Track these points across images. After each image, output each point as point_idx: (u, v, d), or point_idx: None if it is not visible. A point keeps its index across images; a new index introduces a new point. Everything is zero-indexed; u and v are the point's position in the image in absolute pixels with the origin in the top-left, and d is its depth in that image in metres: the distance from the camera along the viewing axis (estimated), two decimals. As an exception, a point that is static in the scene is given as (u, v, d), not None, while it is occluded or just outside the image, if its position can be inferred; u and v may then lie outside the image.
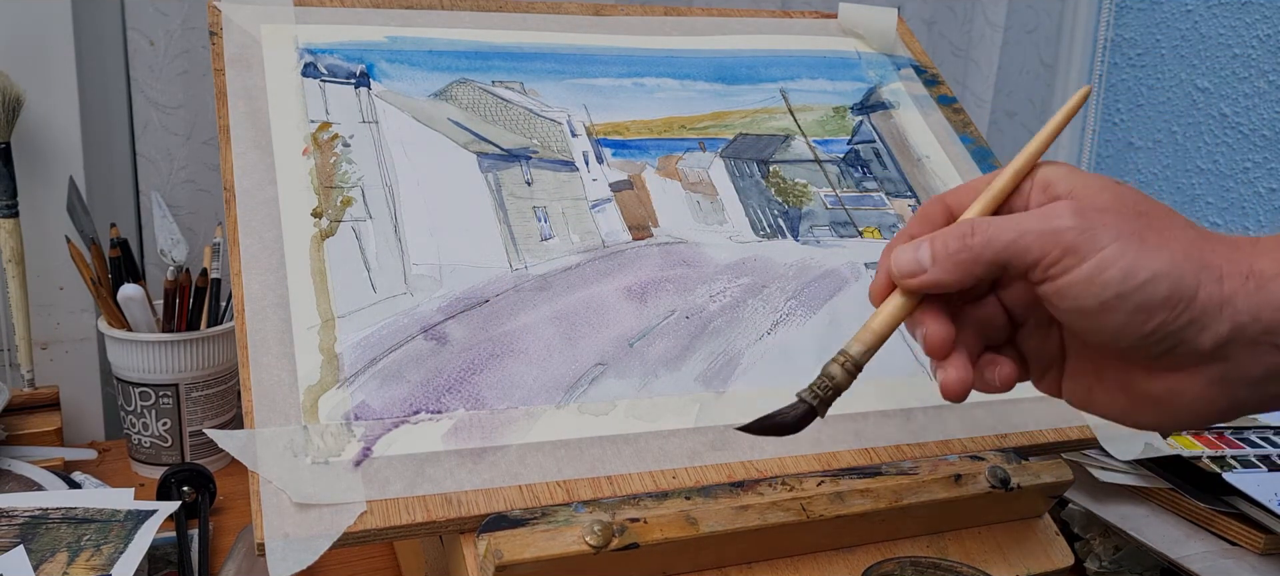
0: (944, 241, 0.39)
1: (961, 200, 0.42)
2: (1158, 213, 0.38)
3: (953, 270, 0.39)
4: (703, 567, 0.48)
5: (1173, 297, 0.36)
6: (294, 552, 0.42)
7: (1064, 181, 0.39)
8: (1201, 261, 0.36)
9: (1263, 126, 1.03)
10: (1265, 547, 0.58)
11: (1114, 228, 0.36)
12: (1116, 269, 0.36)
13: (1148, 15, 1.14)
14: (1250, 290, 0.35)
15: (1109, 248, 0.36)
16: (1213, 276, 0.36)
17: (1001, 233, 0.38)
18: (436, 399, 0.48)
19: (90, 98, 0.80)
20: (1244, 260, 0.36)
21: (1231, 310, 0.36)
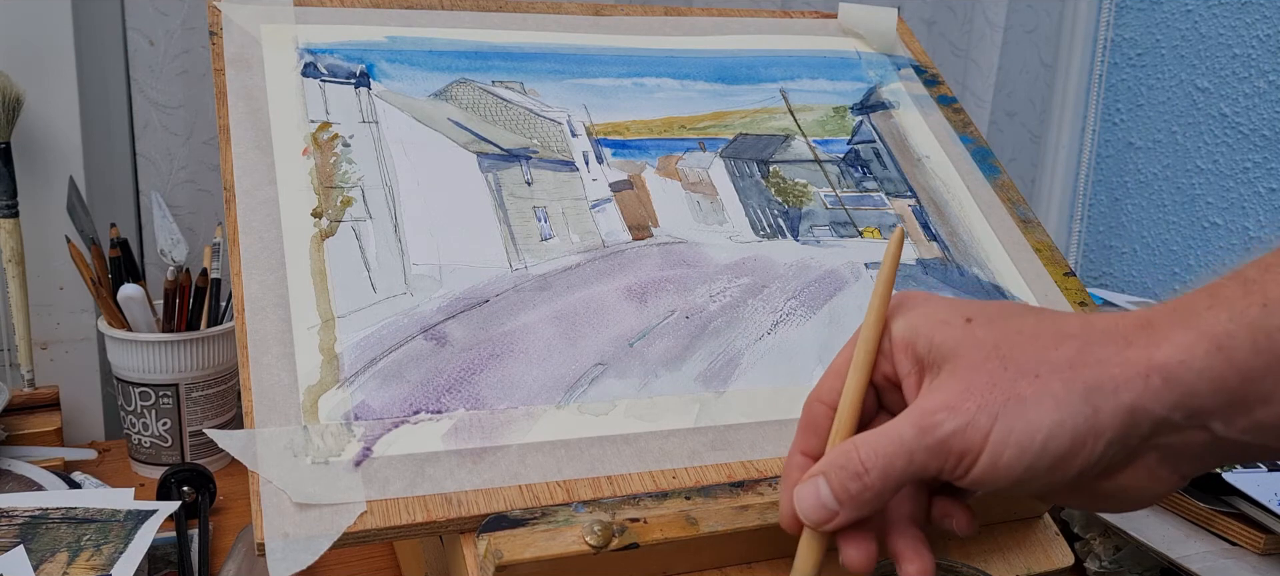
0: (843, 485, 0.38)
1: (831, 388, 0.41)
2: (1020, 346, 0.36)
3: (862, 507, 0.38)
4: (703, 567, 0.48)
5: (1077, 441, 0.34)
6: (294, 552, 0.42)
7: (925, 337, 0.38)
8: (1087, 387, 0.34)
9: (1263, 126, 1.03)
10: (1265, 547, 0.58)
11: (991, 400, 0.35)
12: (1012, 448, 0.35)
13: (1148, 15, 1.14)
14: (1156, 387, 0.34)
15: (995, 430, 0.35)
16: (1106, 395, 0.34)
17: (893, 462, 0.36)
18: (436, 399, 0.48)
19: (90, 98, 0.80)
20: (1138, 358, 0.34)
21: (1143, 413, 0.34)
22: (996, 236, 0.66)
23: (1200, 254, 1.09)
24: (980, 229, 0.66)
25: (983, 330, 0.37)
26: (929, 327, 0.38)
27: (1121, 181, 1.18)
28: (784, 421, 0.52)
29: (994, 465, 0.35)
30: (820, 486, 0.38)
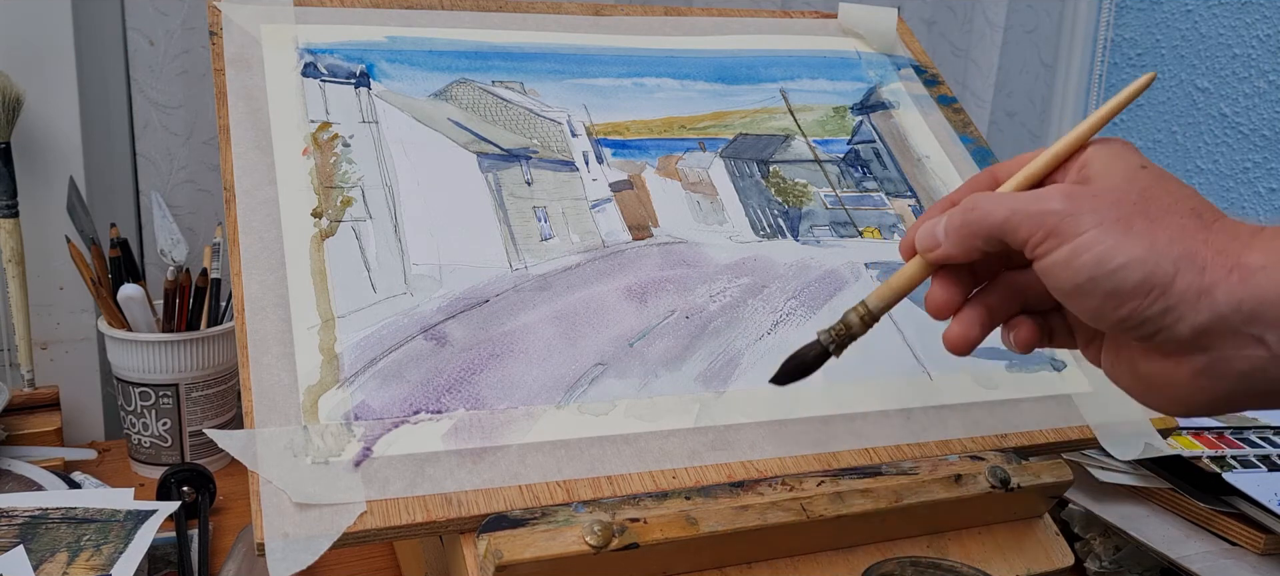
0: (954, 219, 0.41)
1: (1009, 171, 0.44)
2: (1162, 199, 0.38)
3: (957, 244, 0.41)
4: (703, 567, 0.48)
5: (1145, 284, 0.37)
6: (294, 552, 0.42)
7: (1099, 162, 0.41)
8: (1185, 250, 0.37)
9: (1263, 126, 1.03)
10: (1265, 547, 0.58)
11: (1098, 213, 0.37)
12: (1090, 254, 0.37)
13: (1148, 15, 1.14)
14: (1233, 282, 0.36)
15: (1087, 233, 0.37)
16: (1194, 266, 0.36)
17: (995, 211, 0.40)
18: (436, 399, 0.48)
19: (90, 98, 0.80)
20: (1235, 252, 0.37)
21: (1209, 300, 0.36)
22: None
23: (1200, 254, 1.09)
24: (980, 229, 0.66)
25: (1144, 175, 0.39)
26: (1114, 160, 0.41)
27: (1121, 181, 1.18)
28: (784, 421, 0.52)
29: (1070, 259, 0.38)
30: (939, 222, 0.42)
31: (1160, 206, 0.38)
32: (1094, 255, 0.37)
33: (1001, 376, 0.58)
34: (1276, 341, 0.36)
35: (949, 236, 0.41)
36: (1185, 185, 0.40)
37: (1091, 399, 0.59)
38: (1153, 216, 0.37)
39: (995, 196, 0.40)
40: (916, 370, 0.56)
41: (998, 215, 0.39)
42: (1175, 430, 0.61)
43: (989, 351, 0.59)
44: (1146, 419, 0.59)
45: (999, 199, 0.40)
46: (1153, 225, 0.37)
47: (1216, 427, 0.72)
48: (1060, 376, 0.59)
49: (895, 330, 0.58)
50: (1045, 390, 0.58)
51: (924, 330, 0.58)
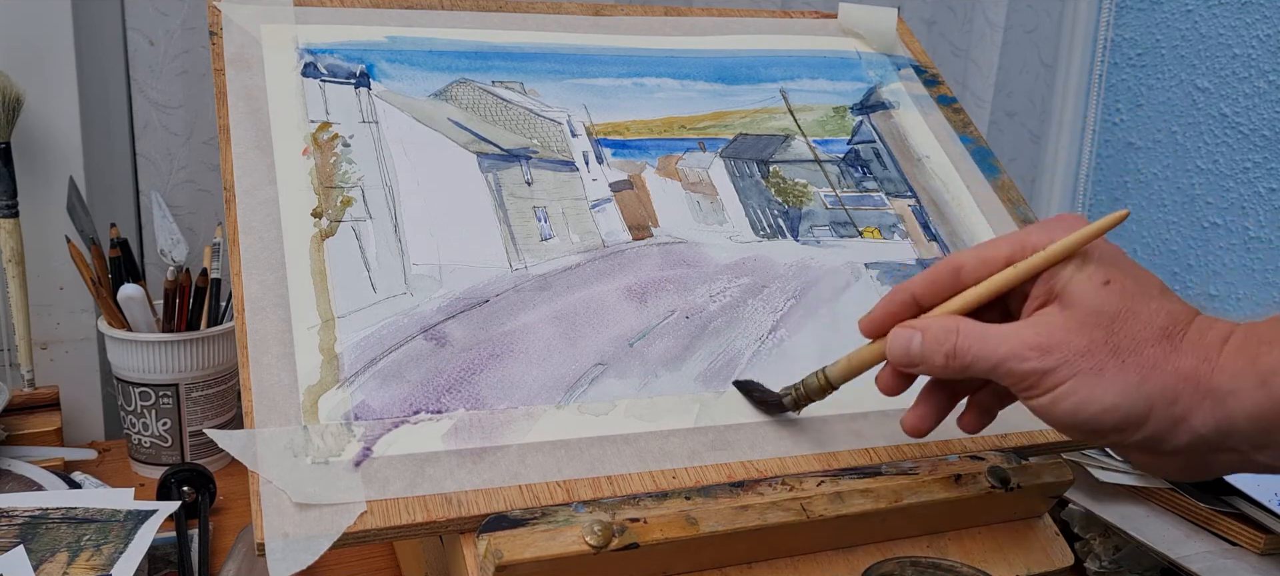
0: (935, 343, 0.43)
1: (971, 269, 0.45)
2: (1130, 327, 0.41)
3: (936, 373, 0.44)
4: (703, 567, 0.48)
5: (1121, 424, 0.40)
6: (294, 552, 0.42)
7: (1066, 280, 0.42)
8: (1157, 387, 0.40)
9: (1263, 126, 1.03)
10: (1265, 547, 0.58)
11: (1074, 362, 0.40)
12: (1068, 404, 0.40)
13: (1148, 15, 1.14)
14: (1207, 409, 0.39)
15: (1065, 384, 0.40)
16: (1166, 400, 0.40)
17: (983, 357, 0.42)
18: (436, 399, 0.48)
19: (90, 98, 0.80)
20: (1205, 376, 0.39)
21: (1187, 427, 0.40)
22: (996, 236, 0.66)
23: (1200, 254, 1.09)
24: (980, 229, 0.66)
25: (1110, 297, 0.41)
26: (1077, 279, 0.42)
27: (1121, 181, 1.18)
28: (784, 421, 0.52)
29: (1051, 408, 0.41)
30: (915, 339, 0.44)
31: (1130, 338, 0.40)
32: (1071, 404, 0.40)
33: (1001, 376, 0.58)
34: (1249, 448, 0.40)
35: (926, 363, 0.43)
36: (1150, 291, 0.41)
37: (1091, 399, 0.59)
38: (1123, 354, 0.40)
39: (982, 340, 0.42)
40: (916, 370, 0.56)
41: (985, 362, 0.42)
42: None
43: (989, 351, 0.59)
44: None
45: (984, 344, 0.42)
46: (1124, 366, 0.40)
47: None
48: (1060, 376, 0.59)
49: (895, 330, 0.58)
50: (1045, 390, 0.58)
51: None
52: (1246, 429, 0.39)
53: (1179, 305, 0.42)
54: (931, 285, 0.45)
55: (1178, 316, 0.41)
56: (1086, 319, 0.41)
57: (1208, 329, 0.41)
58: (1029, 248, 0.43)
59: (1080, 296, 0.41)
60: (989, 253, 0.44)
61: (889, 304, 0.46)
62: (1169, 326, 0.41)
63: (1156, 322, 0.41)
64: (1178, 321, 0.41)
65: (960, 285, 0.45)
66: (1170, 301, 0.42)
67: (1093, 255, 0.42)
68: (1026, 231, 0.44)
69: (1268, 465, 0.40)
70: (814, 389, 0.48)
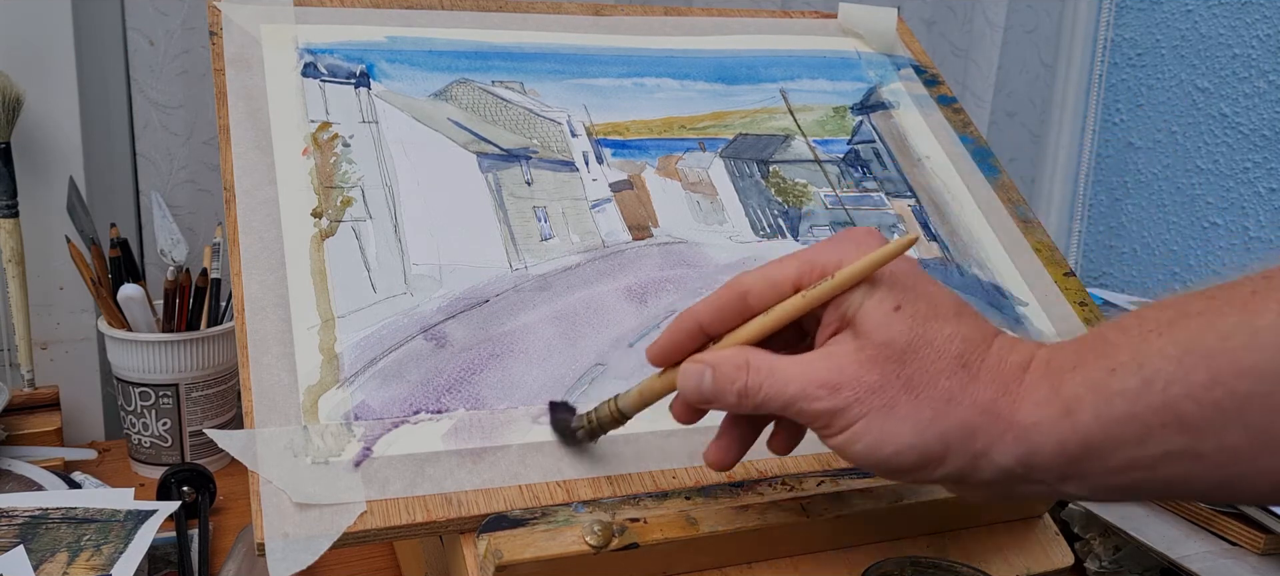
0: (726, 380, 0.41)
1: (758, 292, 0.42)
2: (924, 358, 0.38)
3: (734, 405, 0.41)
4: (703, 567, 0.48)
5: (919, 463, 0.38)
6: (294, 552, 0.42)
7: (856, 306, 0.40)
8: (953, 423, 0.38)
9: (1263, 126, 1.03)
10: (1265, 547, 0.58)
11: (865, 401, 0.38)
12: (862, 444, 0.39)
13: (1148, 15, 1.14)
14: (1009, 442, 0.38)
15: (857, 424, 0.38)
16: (963, 436, 0.38)
17: (774, 396, 0.40)
18: (436, 399, 0.48)
19: (90, 98, 0.80)
20: (1006, 409, 0.38)
21: (989, 461, 0.38)
22: (996, 236, 0.66)
23: (1200, 254, 1.09)
24: (980, 229, 0.66)
25: (901, 326, 0.39)
26: (868, 306, 0.40)
27: (1121, 181, 1.18)
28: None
29: (846, 447, 0.39)
30: (706, 376, 0.41)
31: (923, 370, 0.38)
32: (865, 444, 0.38)
33: (1001, 376, 0.58)
34: (1054, 480, 0.38)
35: (719, 399, 0.41)
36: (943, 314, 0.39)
37: (1091, 399, 0.59)
38: (917, 389, 0.38)
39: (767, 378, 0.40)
40: (916, 370, 0.56)
41: (777, 400, 0.40)
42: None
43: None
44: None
45: (768, 382, 0.40)
46: (917, 402, 0.38)
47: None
48: (1060, 376, 0.59)
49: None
50: (1045, 390, 0.58)
51: (924, 330, 0.58)
52: (1051, 461, 0.37)
53: (975, 327, 0.40)
54: (718, 312, 0.42)
55: (973, 341, 0.39)
56: (877, 352, 0.39)
57: (1008, 353, 0.39)
58: (817, 269, 0.41)
59: (870, 326, 0.39)
60: (776, 274, 0.41)
61: (675, 333, 0.43)
62: (964, 353, 0.39)
63: (951, 350, 0.39)
64: (973, 346, 0.39)
65: (748, 311, 0.42)
66: (965, 325, 0.39)
67: (883, 279, 0.40)
68: (816, 249, 0.41)
69: (1075, 495, 0.39)
70: (605, 419, 0.46)
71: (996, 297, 0.62)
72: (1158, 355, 0.35)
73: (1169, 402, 0.35)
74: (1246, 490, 0.36)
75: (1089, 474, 0.37)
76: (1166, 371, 0.35)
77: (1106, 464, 0.36)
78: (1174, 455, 0.35)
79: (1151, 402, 0.35)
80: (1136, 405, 0.35)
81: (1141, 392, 0.35)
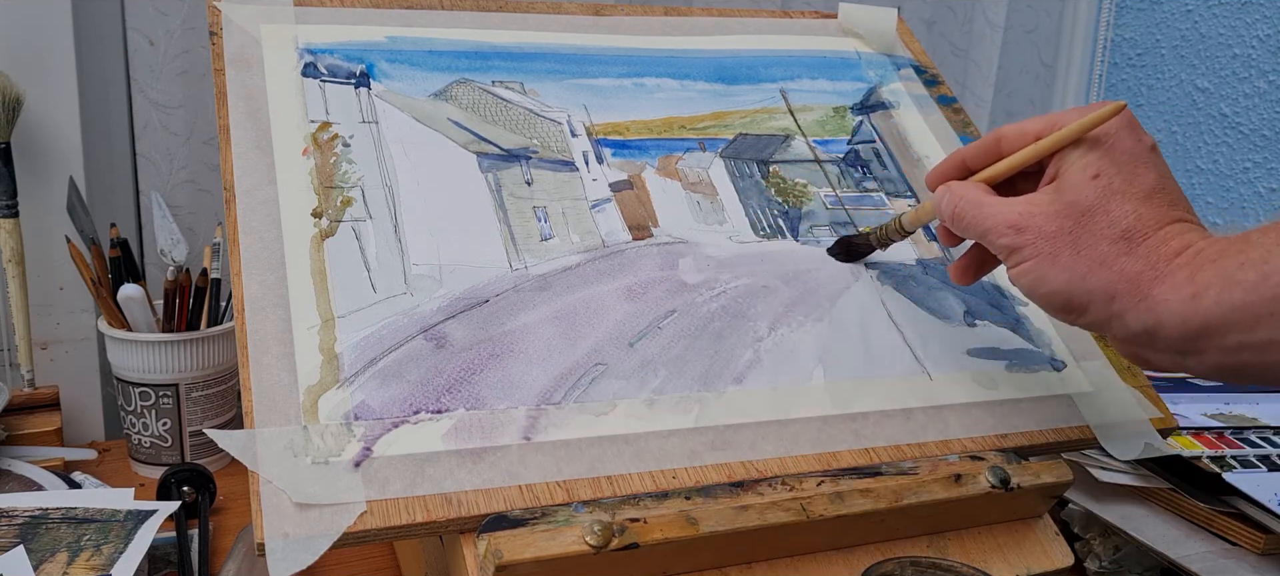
0: (950, 205, 0.50)
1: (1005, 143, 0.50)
2: (1097, 223, 0.45)
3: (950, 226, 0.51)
4: (703, 567, 0.48)
5: (1065, 307, 0.46)
6: (294, 552, 0.42)
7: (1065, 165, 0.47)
8: (1100, 283, 0.44)
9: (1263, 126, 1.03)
10: (1265, 547, 0.58)
11: (1036, 246, 0.46)
12: (1026, 279, 0.47)
13: (1148, 15, 1.14)
14: (1141, 310, 0.43)
15: (1027, 262, 0.46)
16: (1105, 297, 0.44)
17: (974, 224, 0.49)
18: (436, 399, 0.48)
19: (90, 98, 0.80)
20: (1147, 282, 0.43)
21: (1121, 323, 0.45)
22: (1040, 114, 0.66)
23: (1200, 254, 1.09)
24: (980, 229, 0.66)
25: (1091, 191, 0.45)
26: (1076, 166, 0.46)
27: (1121, 181, 1.18)
28: (784, 421, 0.52)
29: (1015, 280, 0.47)
30: (945, 198, 0.51)
31: (1092, 233, 0.45)
32: (1028, 281, 0.46)
33: (1001, 376, 0.58)
34: (1174, 352, 0.44)
35: (945, 217, 0.51)
36: (1133, 192, 0.45)
37: (1091, 399, 0.59)
38: (1080, 247, 0.45)
39: (980, 211, 0.48)
40: (916, 370, 0.56)
41: (977, 228, 0.48)
42: (1175, 430, 0.61)
43: (989, 352, 0.59)
44: (1146, 419, 0.59)
45: (980, 214, 0.48)
46: (1077, 257, 0.45)
47: (1216, 427, 0.72)
48: (1060, 376, 0.59)
49: (895, 330, 0.58)
50: (1045, 390, 0.58)
51: (924, 330, 0.58)
52: (1173, 334, 0.43)
53: (1155, 210, 0.45)
54: (978, 151, 0.51)
55: (1145, 220, 0.44)
56: (1063, 208, 0.46)
57: (1171, 238, 0.44)
58: (1056, 125, 0.47)
59: (1068, 184, 0.46)
60: (1026, 126, 0.49)
61: (946, 163, 0.53)
62: (1132, 228, 0.44)
63: (1122, 224, 0.45)
64: (1143, 224, 0.44)
65: (999, 154, 0.50)
66: (1148, 205, 0.45)
67: (1099, 144, 0.46)
68: (1064, 112, 0.48)
69: (1194, 369, 0.44)
70: (892, 230, 0.57)
71: (997, 298, 0.62)
72: None
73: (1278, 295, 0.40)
74: None
75: (1206, 349, 0.42)
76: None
77: (1222, 343, 0.42)
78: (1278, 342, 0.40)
79: (1265, 293, 0.40)
80: (1252, 295, 0.40)
81: (1258, 285, 0.40)
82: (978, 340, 0.59)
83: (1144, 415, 0.59)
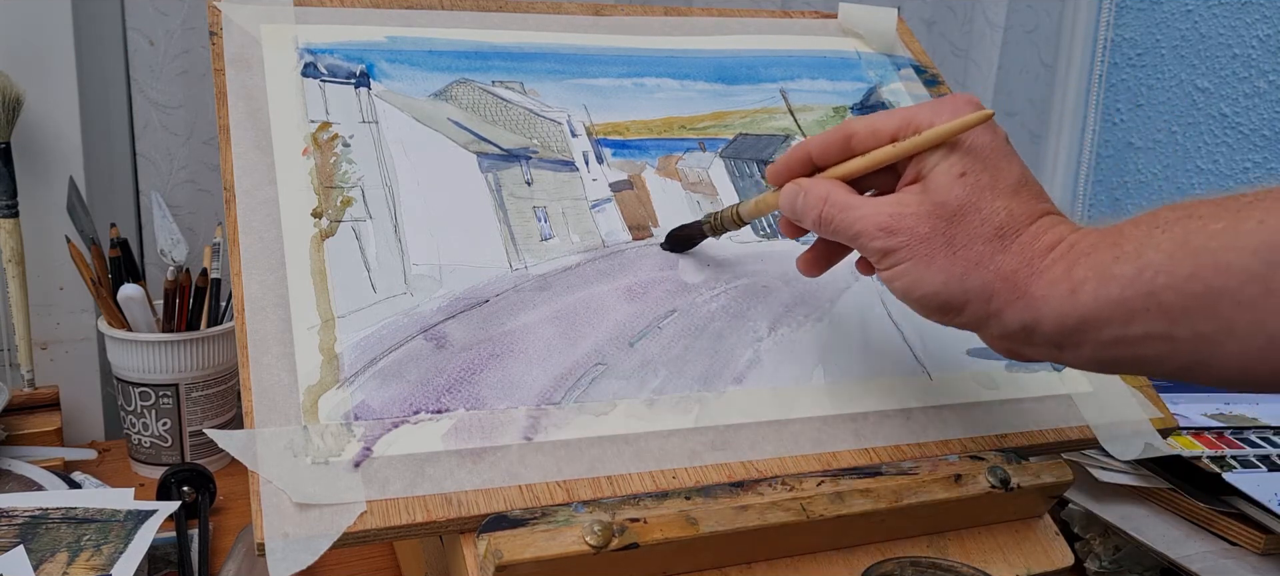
0: (808, 209, 0.48)
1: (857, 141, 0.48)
2: (969, 222, 0.44)
3: (811, 226, 0.49)
4: (703, 567, 0.48)
5: (944, 308, 0.45)
6: (294, 552, 0.42)
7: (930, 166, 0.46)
8: (977, 283, 0.44)
9: (1263, 126, 1.03)
10: (1265, 547, 0.58)
11: (911, 248, 0.45)
12: (901, 283, 0.46)
13: (1148, 15, 1.14)
14: (1019, 310, 0.43)
15: (901, 266, 0.45)
16: (982, 296, 0.44)
17: (842, 227, 0.47)
18: (436, 399, 0.48)
19: (90, 98, 0.80)
20: (1024, 279, 0.43)
21: (999, 321, 0.44)
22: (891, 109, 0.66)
23: (1200, 254, 1.09)
24: (980, 229, 0.66)
25: (959, 190, 0.45)
26: (942, 166, 0.45)
27: (1121, 181, 1.18)
28: (784, 421, 0.52)
29: (889, 283, 0.46)
30: (799, 197, 0.49)
31: (965, 233, 0.44)
32: (903, 283, 0.45)
33: (1001, 376, 0.58)
34: (1051, 346, 0.44)
35: (804, 218, 0.49)
36: (1001, 189, 0.45)
37: (1091, 399, 0.59)
38: (955, 248, 0.44)
39: (844, 211, 0.47)
40: (916, 370, 0.56)
41: (848, 230, 0.47)
42: (1175, 430, 0.61)
43: (989, 352, 0.59)
44: (1147, 419, 0.59)
45: (845, 214, 0.47)
46: (952, 259, 0.44)
47: (1216, 427, 0.72)
48: (1060, 376, 0.59)
49: (895, 330, 0.58)
50: (1045, 390, 0.58)
51: (924, 330, 0.58)
52: (1050, 330, 0.43)
53: (1024, 205, 0.45)
54: (826, 147, 0.49)
55: (1017, 216, 0.44)
56: (933, 209, 0.45)
57: (1043, 233, 0.44)
58: (912, 125, 0.46)
59: (935, 185, 0.45)
60: (879, 124, 0.47)
61: (789, 158, 0.50)
62: (1004, 226, 0.44)
63: (994, 221, 0.44)
64: (1015, 221, 0.44)
65: (850, 151, 0.48)
66: (1017, 201, 0.45)
67: (962, 145, 0.45)
68: (917, 109, 0.47)
69: (1068, 361, 0.44)
70: (728, 220, 0.55)
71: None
72: (1154, 248, 0.40)
73: (1154, 290, 0.39)
74: (1210, 374, 0.40)
75: (1082, 343, 0.42)
76: (1157, 262, 0.40)
77: (1097, 337, 0.42)
78: (1153, 336, 0.40)
79: (1140, 289, 0.40)
80: (1127, 290, 0.40)
81: (1134, 280, 0.40)
82: (977, 340, 0.59)
83: (1144, 415, 0.59)
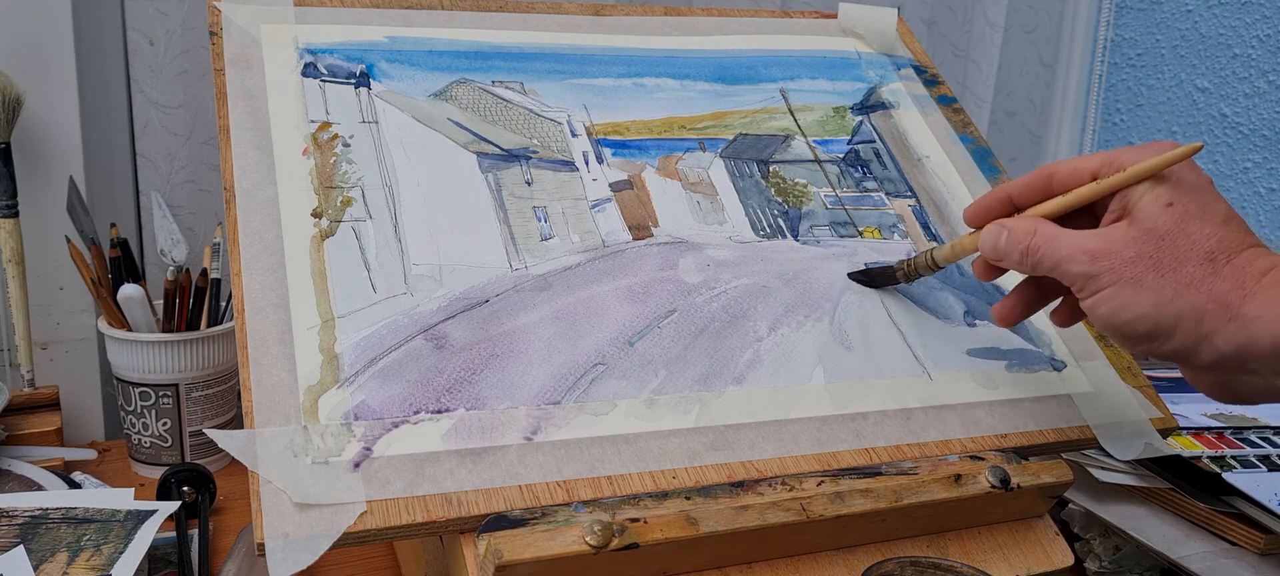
0: (1016, 240, 0.48)
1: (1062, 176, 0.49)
2: (1178, 247, 0.44)
3: (1014, 265, 0.49)
4: (703, 567, 0.48)
5: (1151, 333, 0.44)
6: (294, 552, 0.42)
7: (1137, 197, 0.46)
8: (1188, 305, 0.43)
9: (1263, 126, 1.03)
10: (1265, 547, 0.58)
11: (1117, 271, 0.44)
12: (1106, 308, 0.45)
13: (1148, 15, 1.14)
14: (1232, 331, 0.43)
15: (1106, 289, 0.45)
16: (1193, 319, 0.43)
17: (1047, 257, 0.47)
18: (436, 399, 0.48)
19: (90, 98, 0.80)
20: (1236, 301, 0.43)
21: (1210, 345, 0.43)
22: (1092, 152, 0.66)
23: (1200, 254, 1.09)
24: (980, 229, 0.66)
25: (1167, 217, 0.45)
26: (1148, 198, 0.45)
27: (1121, 181, 1.18)
28: (784, 421, 0.52)
29: (1094, 309, 0.46)
30: (1002, 236, 0.49)
31: (1173, 257, 0.44)
32: (1109, 309, 0.45)
33: (1001, 376, 0.58)
34: (1270, 372, 0.43)
35: (1009, 255, 0.48)
36: (1210, 217, 0.45)
37: (1091, 399, 0.59)
38: (1164, 270, 0.44)
39: (1050, 242, 0.47)
40: (916, 370, 0.56)
41: (1048, 261, 0.47)
42: (1175, 430, 0.61)
43: (989, 352, 0.59)
44: (1146, 419, 0.59)
45: (1052, 246, 0.46)
46: (1162, 280, 0.44)
47: (1216, 427, 0.72)
48: (1060, 376, 0.59)
49: (895, 330, 0.58)
50: (1045, 390, 0.58)
51: (924, 330, 0.58)
52: (1265, 353, 0.42)
53: (1234, 234, 0.44)
54: (1026, 188, 0.50)
55: (1227, 243, 0.44)
56: (1140, 235, 0.44)
57: (1255, 259, 0.44)
58: (1116, 165, 0.47)
59: (1144, 213, 0.45)
60: (1080, 164, 0.48)
61: (989, 199, 0.51)
62: (1215, 251, 0.44)
63: (1204, 246, 0.44)
64: (1226, 248, 0.44)
65: (1051, 191, 0.49)
66: (1227, 230, 0.44)
67: (1168, 178, 0.45)
68: (1119, 151, 0.47)
69: None
70: (921, 265, 0.56)
71: (997, 298, 0.62)
72: None
73: None
74: None
75: None
76: None
77: None
78: None
79: None
80: None
81: None
82: (978, 340, 0.59)
83: (1144, 415, 0.59)
